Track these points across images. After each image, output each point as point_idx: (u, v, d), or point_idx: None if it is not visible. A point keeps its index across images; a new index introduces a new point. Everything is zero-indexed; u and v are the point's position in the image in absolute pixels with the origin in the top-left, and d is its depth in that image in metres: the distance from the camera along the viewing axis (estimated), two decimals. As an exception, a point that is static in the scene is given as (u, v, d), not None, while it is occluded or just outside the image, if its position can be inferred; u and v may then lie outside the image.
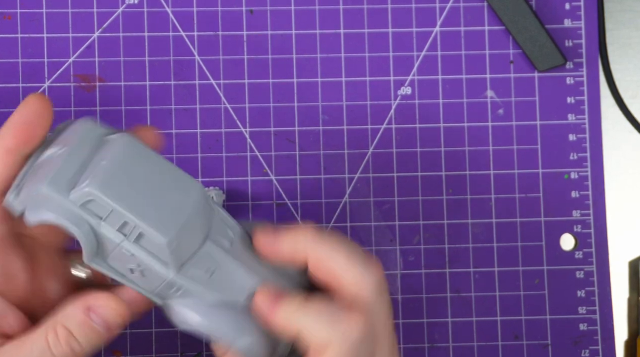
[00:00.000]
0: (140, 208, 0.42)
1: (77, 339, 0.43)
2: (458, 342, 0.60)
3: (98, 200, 0.41)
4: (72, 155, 0.43)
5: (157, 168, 0.43)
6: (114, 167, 0.42)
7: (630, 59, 0.62)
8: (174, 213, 0.42)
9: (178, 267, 0.43)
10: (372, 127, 0.60)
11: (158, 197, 0.43)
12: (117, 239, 0.42)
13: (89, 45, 0.59)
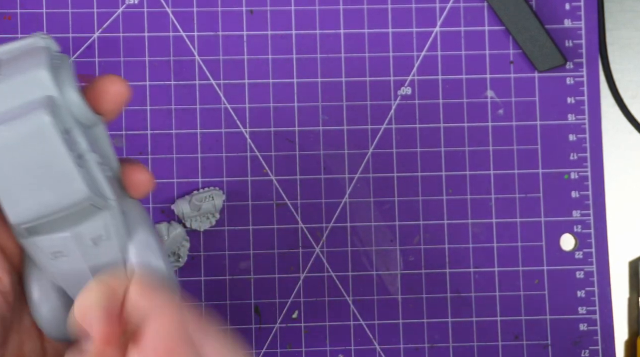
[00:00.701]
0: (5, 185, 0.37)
1: None
2: (458, 342, 0.60)
3: None
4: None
5: (53, 157, 0.38)
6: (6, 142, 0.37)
7: (630, 59, 0.62)
8: (36, 202, 0.38)
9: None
10: (372, 127, 0.60)
11: (34, 182, 0.38)
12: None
13: (89, 45, 0.59)
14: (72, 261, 0.40)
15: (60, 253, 0.40)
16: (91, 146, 0.39)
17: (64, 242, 0.39)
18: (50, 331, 0.42)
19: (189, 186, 0.59)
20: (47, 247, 0.39)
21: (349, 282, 0.59)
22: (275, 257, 0.59)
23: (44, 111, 0.37)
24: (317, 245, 0.59)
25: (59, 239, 0.39)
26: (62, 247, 0.39)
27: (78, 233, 0.39)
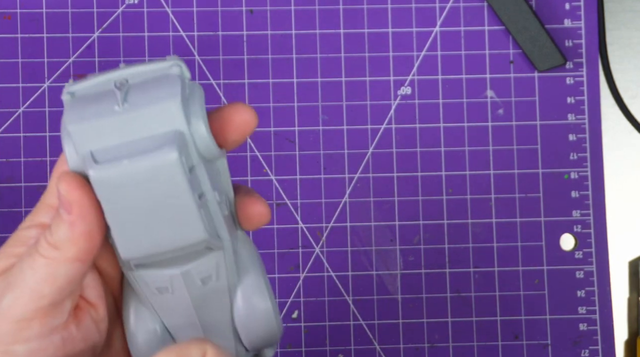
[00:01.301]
0: (120, 219, 0.36)
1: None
2: (458, 342, 0.60)
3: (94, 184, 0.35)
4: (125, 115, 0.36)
5: (175, 197, 0.36)
6: (128, 173, 0.35)
7: (630, 59, 0.62)
8: (151, 240, 0.36)
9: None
10: (372, 127, 0.60)
11: (151, 220, 0.36)
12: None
13: (89, 45, 0.59)
14: (177, 298, 0.38)
15: (165, 289, 0.38)
16: (212, 182, 0.37)
17: (172, 279, 0.37)
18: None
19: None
20: (153, 282, 0.38)
21: (349, 282, 0.59)
22: (275, 257, 0.59)
23: (172, 149, 0.34)
24: (317, 245, 0.59)
25: (167, 275, 0.37)
26: (169, 283, 0.38)
27: (187, 272, 0.37)
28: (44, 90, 0.59)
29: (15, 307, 0.37)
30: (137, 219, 0.35)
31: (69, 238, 0.37)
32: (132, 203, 0.35)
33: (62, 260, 0.37)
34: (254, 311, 0.40)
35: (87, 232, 0.37)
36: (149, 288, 0.38)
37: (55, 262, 0.37)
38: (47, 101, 0.59)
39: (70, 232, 0.37)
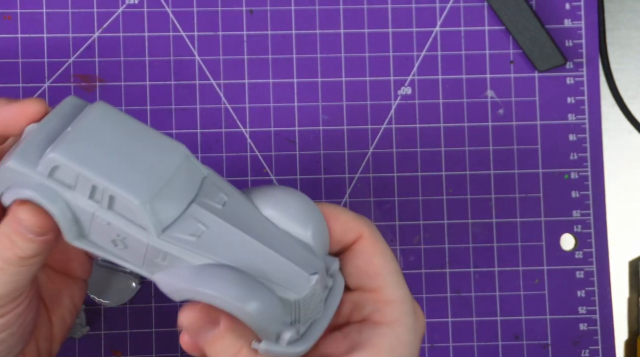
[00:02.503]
0: (109, 170, 0.40)
1: (17, 245, 0.42)
2: (458, 342, 0.60)
3: (62, 166, 0.40)
4: (42, 127, 0.41)
5: (134, 132, 0.41)
6: (81, 132, 0.40)
7: (630, 59, 0.62)
8: (148, 174, 0.40)
9: (159, 232, 0.40)
10: (372, 127, 0.60)
11: (131, 159, 0.40)
12: (90, 208, 0.40)
13: (89, 45, 0.59)
14: (224, 232, 0.41)
15: (202, 232, 0.41)
16: None
17: (202, 218, 0.41)
18: None
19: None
20: (189, 231, 0.41)
21: (349, 282, 0.59)
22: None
23: (96, 102, 0.42)
24: (317, 245, 0.59)
25: (194, 218, 0.41)
26: (203, 225, 0.41)
27: (203, 203, 0.42)
28: (44, 90, 0.59)
29: None
30: (125, 165, 0.40)
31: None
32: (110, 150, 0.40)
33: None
34: (288, 205, 0.42)
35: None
36: (191, 242, 0.40)
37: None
38: (47, 101, 0.59)
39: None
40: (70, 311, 0.50)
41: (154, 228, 0.40)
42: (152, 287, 0.59)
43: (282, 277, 0.41)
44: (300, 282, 0.41)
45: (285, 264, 0.41)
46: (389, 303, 0.43)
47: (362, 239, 0.43)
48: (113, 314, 0.58)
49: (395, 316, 0.42)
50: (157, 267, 0.41)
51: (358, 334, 0.43)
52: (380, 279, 0.43)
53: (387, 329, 0.42)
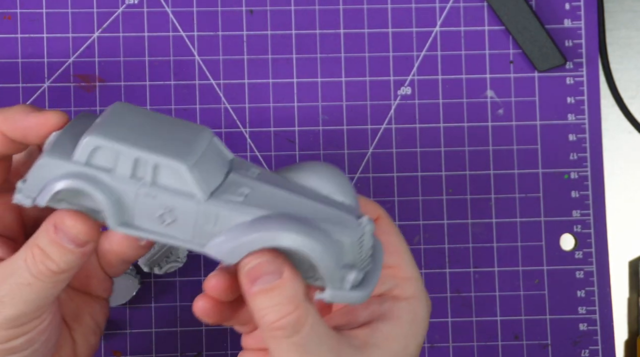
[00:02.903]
0: (148, 144, 0.40)
1: (51, 257, 0.42)
2: (458, 342, 0.60)
3: (101, 148, 0.40)
4: (65, 132, 0.42)
5: (160, 119, 0.42)
6: (110, 121, 0.41)
7: (630, 59, 0.62)
8: (185, 146, 0.41)
9: (207, 195, 0.40)
10: (372, 127, 0.60)
11: (165, 137, 0.41)
12: (133, 187, 0.40)
13: (89, 45, 0.59)
14: (267, 189, 0.42)
15: (246, 194, 0.42)
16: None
17: (250, 179, 0.42)
18: None
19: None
20: (239, 193, 0.42)
21: (349, 282, 0.59)
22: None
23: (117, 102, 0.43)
24: (317, 245, 0.59)
25: (240, 180, 0.42)
26: (249, 187, 0.42)
27: (232, 159, 0.43)
28: (44, 90, 0.59)
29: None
30: (161, 141, 0.41)
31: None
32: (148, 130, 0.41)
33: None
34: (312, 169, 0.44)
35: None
36: (240, 202, 0.41)
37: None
38: (47, 101, 0.59)
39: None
40: (93, 330, 0.50)
41: (203, 192, 0.40)
42: (152, 287, 0.59)
43: (333, 222, 0.41)
44: (351, 225, 0.41)
45: (332, 212, 0.41)
46: (406, 280, 0.45)
47: (380, 219, 0.45)
48: (113, 314, 0.58)
49: (412, 292, 0.45)
50: (207, 236, 0.41)
51: (379, 306, 0.44)
52: (399, 257, 0.45)
53: (406, 304, 0.44)
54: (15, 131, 0.43)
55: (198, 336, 0.59)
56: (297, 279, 0.40)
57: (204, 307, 0.44)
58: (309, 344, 0.40)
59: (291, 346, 0.40)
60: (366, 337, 0.43)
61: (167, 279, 0.59)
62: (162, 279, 0.59)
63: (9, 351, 0.43)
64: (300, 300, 0.40)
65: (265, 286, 0.40)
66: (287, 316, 0.40)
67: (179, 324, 0.59)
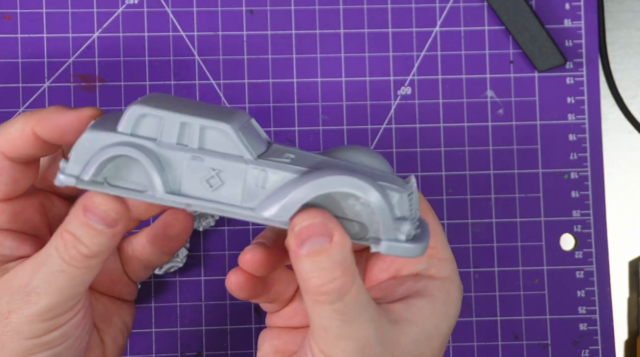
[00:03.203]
0: (192, 112, 0.41)
1: (82, 240, 0.42)
2: (458, 342, 0.60)
3: (147, 116, 0.40)
4: (101, 120, 0.42)
5: (196, 102, 0.43)
6: (150, 99, 0.42)
7: (630, 59, 0.62)
8: (228, 116, 0.41)
9: (254, 156, 0.41)
10: (372, 127, 0.60)
11: (205, 110, 0.41)
12: (180, 152, 0.40)
13: (89, 45, 0.59)
14: (301, 153, 0.43)
15: (290, 154, 0.42)
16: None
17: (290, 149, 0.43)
18: None
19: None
20: (277, 155, 0.43)
21: (349, 282, 0.59)
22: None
23: None
24: (317, 245, 0.59)
25: (284, 152, 0.43)
26: (292, 153, 0.43)
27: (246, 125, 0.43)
28: (44, 90, 0.59)
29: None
30: (203, 111, 0.41)
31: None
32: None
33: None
34: None
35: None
36: (287, 163, 0.41)
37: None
38: (47, 101, 0.59)
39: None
40: (122, 331, 0.50)
41: (250, 153, 0.41)
42: (152, 287, 0.59)
43: (382, 180, 0.41)
44: (400, 183, 0.42)
45: (379, 173, 0.42)
46: (442, 261, 0.45)
47: (420, 203, 0.45)
48: (113, 314, 0.58)
49: (448, 273, 0.45)
50: (256, 199, 0.41)
51: (414, 284, 0.44)
52: (435, 238, 0.45)
53: (441, 283, 0.44)
54: (53, 131, 0.44)
55: (198, 336, 0.59)
56: (347, 244, 0.40)
57: (237, 282, 0.44)
58: (350, 312, 0.40)
59: (333, 312, 0.40)
60: (401, 311, 0.43)
61: (167, 279, 0.59)
62: (162, 279, 0.59)
63: (44, 346, 0.43)
64: (347, 266, 0.39)
65: (314, 248, 0.39)
66: (333, 281, 0.39)
67: (179, 324, 0.59)
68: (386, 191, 0.40)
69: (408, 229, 0.40)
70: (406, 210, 0.41)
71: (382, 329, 0.41)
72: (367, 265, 0.47)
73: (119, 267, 0.50)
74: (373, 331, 0.40)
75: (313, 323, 0.41)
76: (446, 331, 0.44)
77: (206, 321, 0.59)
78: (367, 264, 0.47)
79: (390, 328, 0.42)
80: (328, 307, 0.39)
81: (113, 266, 0.50)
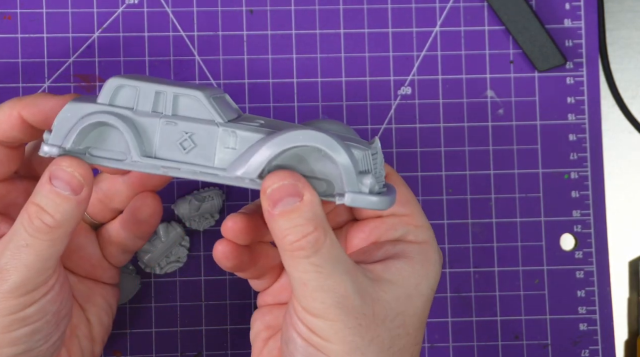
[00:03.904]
0: (166, 83, 0.44)
1: (46, 209, 0.43)
2: (458, 342, 0.60)
3: (124, 86, 0.43)
4: (86, 96, 0.45)
5: (170, 80, 0.46)
6: (127, 74, 0.45)
7: (630, 59, 0.62)
8: (199, 86, 0.44)
9: (225, 120, 0.43)
10: (372, 127, 0.60)
11: (178, 83, 0.44)
12: (155, 119, 0.43)
13: (89, 45, 0.59)
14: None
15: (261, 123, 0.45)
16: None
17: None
18: None
19: (189, 186, 0.59)
20: (247, 120, 0.46)
21: (349, 282, 0.59)
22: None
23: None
24: (317, 245, 0.59)
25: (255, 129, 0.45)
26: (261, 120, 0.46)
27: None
28: (44, 90, 0.59)
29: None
30: (177, 83, 0.44)
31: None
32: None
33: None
34: None
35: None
36: (257, 126, 0.44)
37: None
38: (47, 101, 0.59)
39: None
40: (106, 311, 0.52)
41: (221, 117, 0.43)
42: (152, 287, 0.59)
43: (347, 140, 0.44)
44: (364, 143, 0.44)
45: (345, 135, 0.45)
46: (419, 227, 0.48)
47: (391, 174, 0.48)
48: (113, 314, 0.58)
49: (425, 238, 0.47)
50: (227, 160, 0.43)
51: (392, 247, 0.46)
52: (411, 206, 0.48)
53: (418, 247, 0.47)
54: (38, 115, 0.46)
55: (198, 336, 0.59)
56: (317, 202, 0.42)
57: (223, 250, 0.47)
58: (326, 264, 0.42)
59: (309, 265, 0.42)
60: (380, 271, 0.45)
61: (167, 279, 0.59)
62: (162, 279, 0.59)
63: (22, 322, 0.44)
64: (319, 221, 0.42)
65: (287, 208, 0.42)
66: (307, 236, 0.42)
67: (179, 324, 0.59)
68: (350, 147, 0.43)
69: (371, 182, 0.43)
70: (369, 166, 0.44)
71: (360, 283, 0.43)
72: (347, 236, 0.49)
73: (97, 253, 0.52)
74: (350, 283, 0.43)
75: (293, 280, 0.43)
76: (427, 292, 0.46)
77: (206, 321, 0.59)
78: (347, 236, 0.49)
79: (369, 284, 0.44)
80: (305, 261, 0.42)
81: (92, 251, 0.52)
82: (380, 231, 0.48)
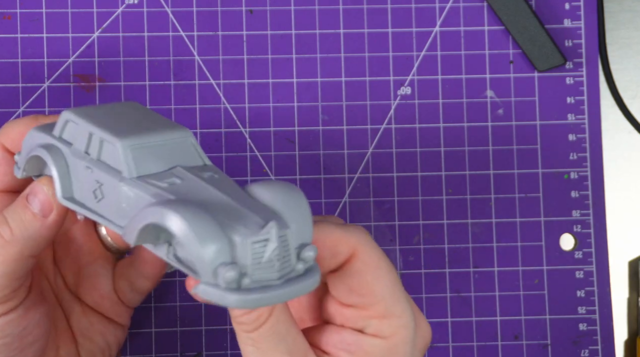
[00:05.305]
0: (107, 124, 0.42)
1: (9, 223, 0.43)
2: (458, 342, 0.60)
3: (70, 121, 0.43)
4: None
5: (150, 115, 0.44)
6: (100, 106, 0.44)
7: (630, 59, 0.62)
8: (140, 132, 0.42)
9: (132, 174, 0.40)
10: (372, 127, 0.60)
11: (133, 124, 0.42)
12: (83, 160, 0.42)
13: (89, 45, 0.59)
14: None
15: (211, 176, 0.42)
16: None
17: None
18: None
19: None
20: (161, 179, 0.42)
21: (348, 282, 0.59)
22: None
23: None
24: (317, 245, 0.59)
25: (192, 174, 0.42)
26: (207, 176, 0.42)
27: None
28: (44, 90, 0.59)
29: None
30: (124, 125, 0.43)
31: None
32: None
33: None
34: None
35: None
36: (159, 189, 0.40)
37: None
38: (47, 101, 0.59)
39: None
40: (102, 351, 0.50)
41: (129, 171, 0.41)
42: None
43: (234, 219, 0.38)
44: (251, 227, 0.38)
45: (242, 210, 0.39)
46: (384, 318, 0.42)
47: (354, 258, 0.42)
48: (113, 314, 0.58)
49: (392, 330, 0.42)
50: (126, 218, 0.40)
51: (351, 336, 0.43)
52: (373, 296, 0.42)
53: (380, 341, 0.42)
54: (9, 143, 0.47)
55: (198, 336, 0.59)
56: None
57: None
58: (265, 342, 0.41)
59: (248, 339, 0.41)
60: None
61: (167, 279, 0.59)
62: (162, 279, 0.59)
63: None
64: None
65: None
66: (249, 314, 0.40)
67: (179, 324, 0.59)
68: (223, 233, 0.37)
69: (229, 275, 0.36)
70: (246, 258, 0.37)
71: None
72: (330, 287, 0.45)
73: (109, 284, 0.51)
74: None
75: (239, 343, 0.42)
76: None
77: (206, 321, 0.59)
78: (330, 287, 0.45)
79: None
80: (244, 334, 0.41)
81: (104, 281, 0.50)
82: (340, 318, 0.44)
